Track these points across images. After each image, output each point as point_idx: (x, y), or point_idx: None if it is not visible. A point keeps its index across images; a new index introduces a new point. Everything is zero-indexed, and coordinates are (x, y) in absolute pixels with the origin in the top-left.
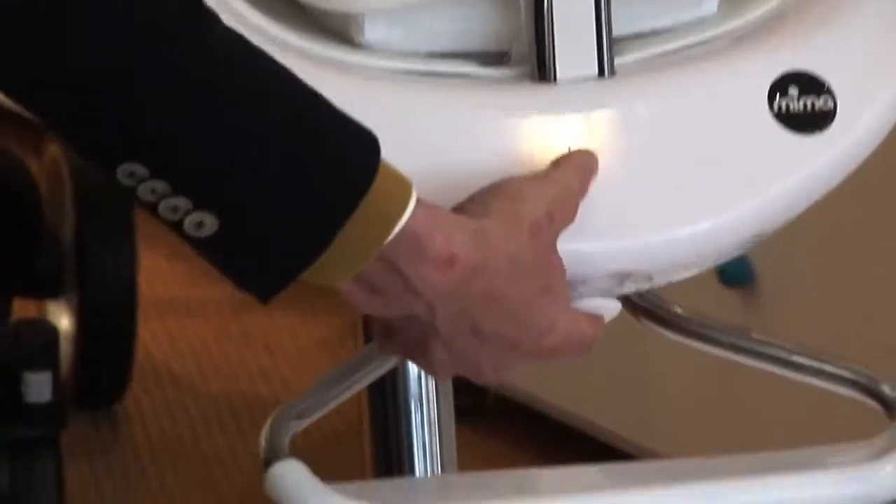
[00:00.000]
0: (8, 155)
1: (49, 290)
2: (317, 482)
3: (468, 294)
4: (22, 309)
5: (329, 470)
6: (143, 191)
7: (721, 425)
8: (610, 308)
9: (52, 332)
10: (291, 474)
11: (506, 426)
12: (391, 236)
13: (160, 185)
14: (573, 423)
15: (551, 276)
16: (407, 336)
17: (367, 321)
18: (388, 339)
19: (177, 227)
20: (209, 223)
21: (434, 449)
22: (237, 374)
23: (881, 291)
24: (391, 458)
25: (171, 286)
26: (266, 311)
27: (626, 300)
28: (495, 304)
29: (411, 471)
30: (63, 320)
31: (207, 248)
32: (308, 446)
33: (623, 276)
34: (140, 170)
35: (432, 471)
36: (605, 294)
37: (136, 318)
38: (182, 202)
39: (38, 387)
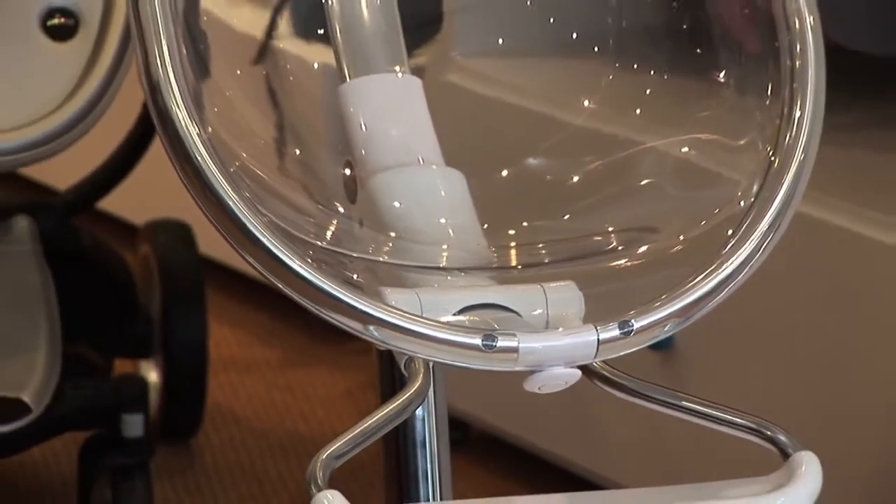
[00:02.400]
0: (111, 252)
1: (141, 352)
2: None
3: None
4: (121, 366)
5: (357, 495)
6: None
7: (663, 463)
8: (571, 374)
9: (144, 384)
10: (331, 502)
11: (488, 455)
12: None
13: None
14: (541, 454)
15: None
16: None
17: (382, 377)
18: None
19: None
20: None
21: (435, 478)
22: (283, 416)
23: (778, 358)
24: (401, 486)
25: (233, 348)
26: (305, 368)
27: (584, 367)
28: None
29: (417, 496)
30: (152, 375)
31: None
32: (340, 474)
33: None
34: None
35: (433, 496)
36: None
37: (207, 372)
38: None
39: (133, 425)
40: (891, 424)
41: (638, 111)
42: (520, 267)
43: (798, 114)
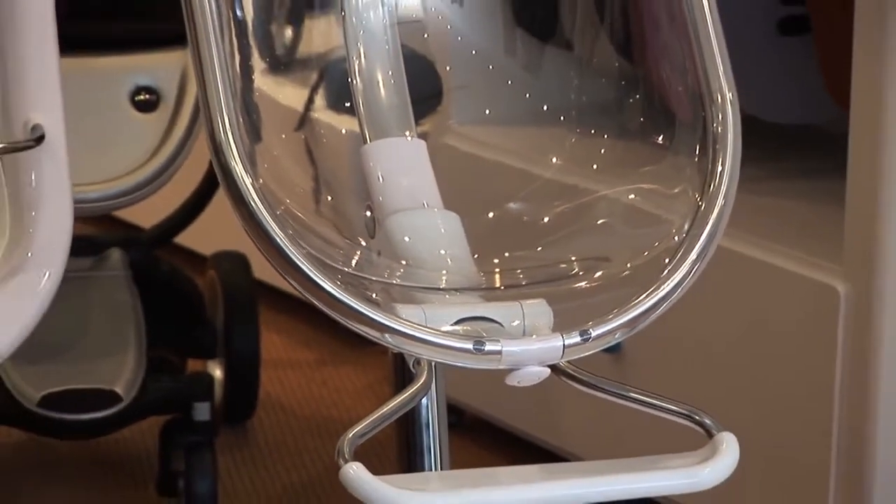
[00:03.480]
0: (185, 276)
1: (208, 354)
2: (370, 475)
3: None
4: (192, 365)
5: (375, 466)
6: None
7: (613, 441)
8: (542, 372)
9: (210, 379)
10: (356, 471)
11: (478, 435)
12: None
13: None
14: (519, 434)
15: None
16: None
17: (395, 374)
18: None
19: None
20: None
21: (436, 453)
22: (318, 404)
23: (704, 359)
24: (410, 459)
25: (279, 351)
26: (335, 367)
27: (553, 366)
28: None
29: (422, 467)
30: (216, 372)
31: None
32: (362, 450)
33: None
34: None
35: (435, 467)
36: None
37: (259, 370)
38: None
39: (202, 411)
40: (786, 412)
41: (594, 166)
42: (502, 287)
43: (720, 168)
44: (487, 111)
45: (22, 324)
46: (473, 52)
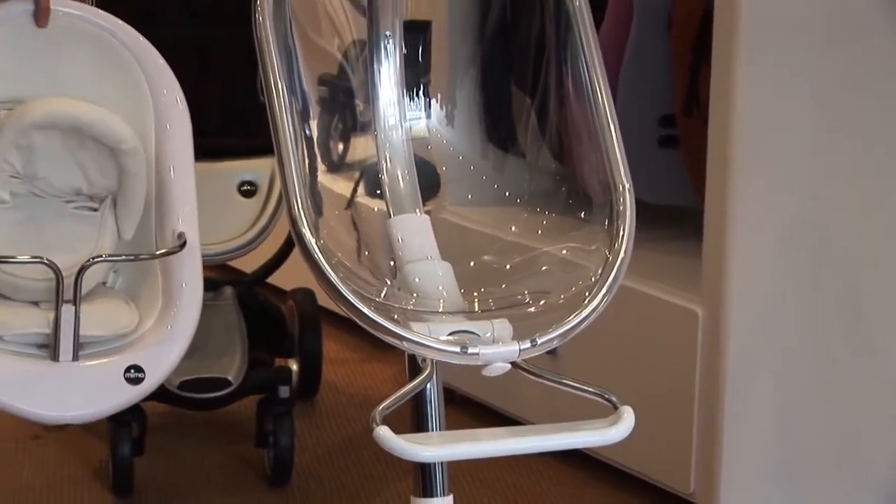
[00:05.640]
0: (273, 304)
1: (288, 354)
2: (393, 434)
3: None
4: (278, 362)
5: (396, 428)
6: None
7: (553, 412)
8: (505, 367)
9: (290, 370)
10: (384, 432)
11: (464, 408)
12: None
13: None
14: (492, 406)
15: None
16: None
17: (410, 367)
18: None
19: None
20: None
21: (436, 420)
22: (359, 388)
23: (610, 358)
24: (419, 425)
25: (334, 352)
26: (371, 363)
27: (513, 363)
28: None
29: (426, 430)
30: (294, 366)
31: None
32: (388, 418)
33: None
34: None
35: (436, 430)
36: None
37: (321, 365)
38: None
39: (284, 391)
40: (664, 394)
41: (539, 232)
42: (479, 311)
43: (622, 233)
44: (469, 196)
45: (174, 358)
46: (460, 157)
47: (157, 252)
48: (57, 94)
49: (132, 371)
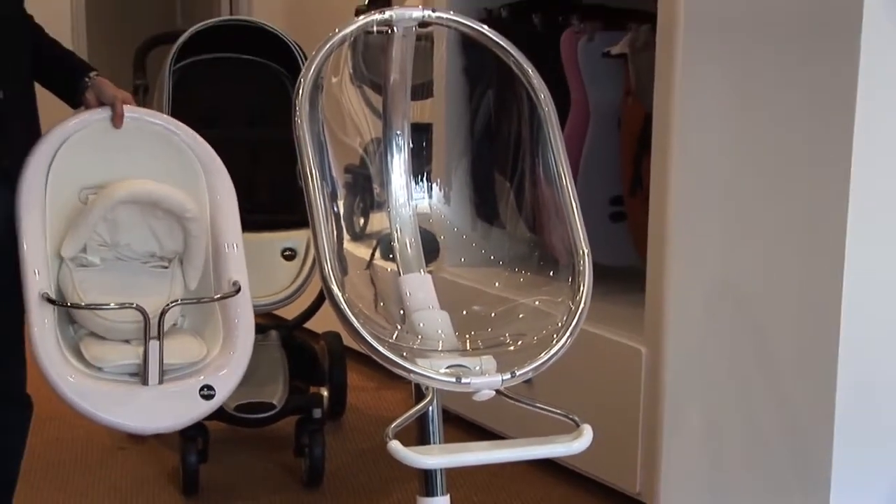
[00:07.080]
0: (309, 344)
1: (320, 384)
2: (402, 446)
3: None
4: (314, 390)
5: (405, 442)
6: None
7: (528, 429)
8: (490, 394)
9: (322, 396)
10: (395, 445)
11: (458, 425)
12: None
13: None
14: (481, 424)
15: None
16: None
17: (415, 394)
18: None
19: None
20: None
21: (436, 436)
22: (377, 409)
23: (574, 387)
24: (422, 439)
25: (357, 382)
26: (385, 390)
27: (497, 391)
28: None
29: (429, 443)
30: (325, 392)
31: None
32: (399, 434)
33: None
34: None
35: (436, 443)
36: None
37: (346, 392)
38: None
39: (317, 413)
40: (614, 417)
41: (517, 287)
42: (471, 349)
43: (582, 288)
44: (462, 259)
45: (236, 378)
46: (455, 229)
47: (217, 296)
48: (132, 177)
49: (205, 389)
